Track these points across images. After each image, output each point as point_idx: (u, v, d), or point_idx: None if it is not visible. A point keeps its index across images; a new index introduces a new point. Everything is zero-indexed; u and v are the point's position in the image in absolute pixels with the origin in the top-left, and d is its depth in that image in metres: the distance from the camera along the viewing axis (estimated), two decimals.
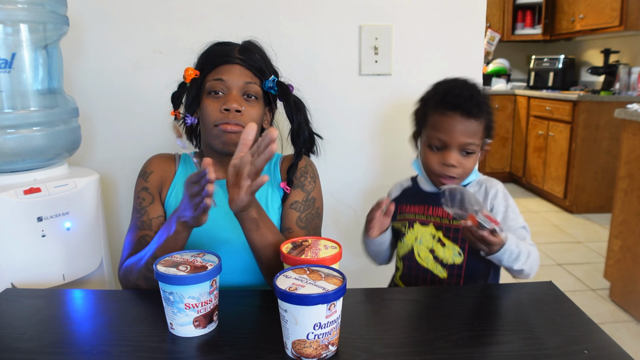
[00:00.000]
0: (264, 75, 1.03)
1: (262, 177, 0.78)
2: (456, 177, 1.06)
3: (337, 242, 0.86)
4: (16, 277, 1.07)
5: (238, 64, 1.00)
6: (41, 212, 1.08)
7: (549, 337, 0.73)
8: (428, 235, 1.09)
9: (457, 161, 1.04)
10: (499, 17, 4.95)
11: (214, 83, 0.99)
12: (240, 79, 0.99)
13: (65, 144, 1.20)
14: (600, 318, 2.27)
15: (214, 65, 1.00)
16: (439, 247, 1.08)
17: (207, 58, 1.02)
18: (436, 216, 1.10)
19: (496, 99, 4.63)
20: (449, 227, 1.08)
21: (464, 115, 1.02)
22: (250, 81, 1.00)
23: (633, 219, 2.23)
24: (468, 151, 1.05)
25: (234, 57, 1.00)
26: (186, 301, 0.73)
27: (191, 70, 1.01)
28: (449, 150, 1.04)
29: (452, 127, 1.03)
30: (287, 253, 0.80)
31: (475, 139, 1.04)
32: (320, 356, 0.68)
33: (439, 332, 0.75)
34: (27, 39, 1.11)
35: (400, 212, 1.16)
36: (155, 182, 1.05)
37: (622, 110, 2.34)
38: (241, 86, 0.99)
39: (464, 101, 1.02)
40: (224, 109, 0.96)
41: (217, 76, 0.99)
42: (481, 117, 1.04)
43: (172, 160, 1.09)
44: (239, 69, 1.00)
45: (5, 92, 1.09)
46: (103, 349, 0.71)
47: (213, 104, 0.98)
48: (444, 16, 1.49)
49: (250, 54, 1.01)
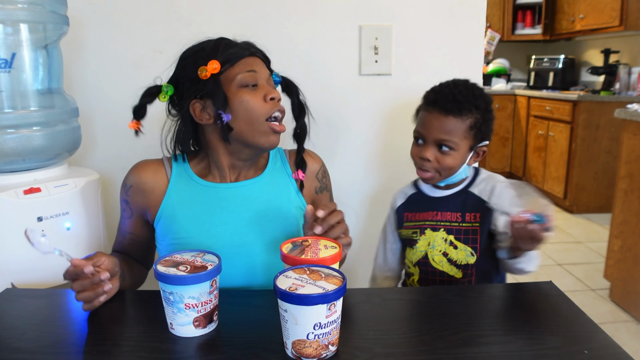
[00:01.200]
0: (271, 71, 1.04)
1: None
2: (430, 172, 1.09)
3: (337, 242, 0.85)
4: (16, 277, 1.06)
5: (258, 56, 0.99)
6: (41, 212, 1.08)
7: (549, 337, 0.73)
8: (440, 240, 1.11)
9: (432, 156, 1.07)
10: (499, 17, 4.95)
11: (246, 75, 0.94)
12: (266, 71, 0.99)
13: (65, 144, 1.20)
14: (600, 318, 2.27)
15: (237, 57, 0.95)
16: (451, 249, 1.10)
17: (226, 50, 0.95)
18: (445, 220, 1.12)
19: (496, 99, 4.62)
20: (459, 230, 1.10)
21: (442, 111, 1.06)
22: (270, 73, 1.00)
23: (633, 219, 2.23)
24: (445, 147, 1.06)
25: (256, 50, 0.99)
26: (186, 301, 0.73)
27: (215, 64, 0.92)
28: (426, 144, 1.08)
29: (429, 122, 1.08)
30: (287, 253, 0.80)
31: (453, 137, 1.05)
32: (320, 356, 0.68)
33: (439, 332, 0.75)
34: (27, 39, 1.11)
35: (408, 219, 1.17)
36: (137, 198, 1.01)
37: (622, 110, 2.34)
38: (267, 77, 0.98)
39: (443, 97, 1.06)
40: (270, 98, 0.94)
41: (249, 68, 0.95)
42: (463, 116, 1.05)
43: (159, 168, 1.03)
44: (261, 62, 0.99)
45: (5, 92, 1.09)
46: (103, 349, 0.71)
47: (254, 96, 0.94)
48: (444, 16, 1.49)
49: (258, 48, 1.01)
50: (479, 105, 1.06)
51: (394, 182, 1.57)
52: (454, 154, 1.07)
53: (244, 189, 1.01)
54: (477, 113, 1.06)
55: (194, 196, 1.00)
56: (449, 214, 1.11)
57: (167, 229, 0.99)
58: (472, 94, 1.07)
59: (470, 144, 1.08)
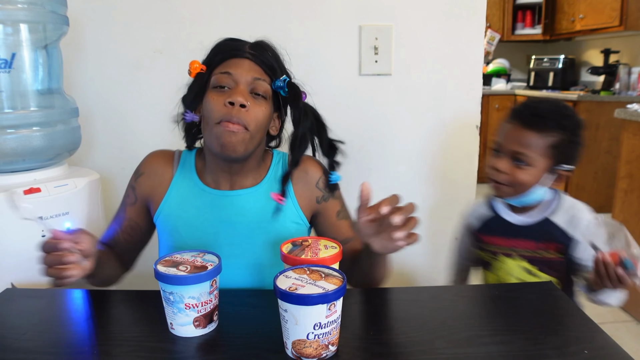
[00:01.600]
0: (274, 74, 0.95)
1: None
2: (503, 184, 1.05)
3: (337, 242, 0.86)
4: (16, 277, 1.06)
5: (248, 58, 0.92)
6: (41, 212, 1.08)
7: (549, 337, 0.73)
8: (517, 267, 1.09)
9: (505, 167, 1.04)
10: (499, 17, 4.94)
11: (220, 76, 0.91)
12: (249, 74, 0.91)
13: (65, 144, 1.20)
14: (600, 318, 2.27)
15: (222, 58, 0.93)
16: (530, 277, 1.08)
17: (215, 51, 0.95)
18: (523, 249, 1.09)
19: (496, 99, 4.63)
20: (535, 259, 1.08)
21: (521, 123, 1.03)
22: (259, 77, 0.92)
23: (633, 219, 2.23)
24: (520, 161, 1.03)
25: (244, 51, 0.93)
26: (186, 301, 0.73)
27: (197, 63, 0.94)
28: (501, 155, 1.06)
29: (507, 132, 1.05)
30: (287, 253, 0.80)
31: (530, 151, 1.02)
32: (320, 356, 0.68)
33: (439, 332, 0.75)
34: (27, 39, 1.11)
35: (483, 241, 1.16)
36: (145, 187, 1.00)
37: (622, 110, 2.34)
38: (249, 81, 0.91)
39: (526, 110, 1.05)
40: (229, 102, 0.87)
41: (225, 69, 0.91)
42: (544, 132, 1.01)
43: (169, 161, 1.02)
44: (249, 64, 0.92)
45: (5, 92, 1.09)
46: (103, 349, 0.71)
47: (217, 98, 0.89)
48: (444, 16, 1.49)
49: (262, 51, 0.94)
50: (565, 126, 1.02)
51: (394, 182, 1.57)
52: (528, 169, 1.03)
53: (239, 198, 0.97)
54: (562, 133, 1.02)
55: (190, 200, 0.98)
56: (530, 243, 1.08)
57: (164, 227, 0.99)
58: (560, 113, 1.03)
59: (549, 163, 1.03)
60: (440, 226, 1.58)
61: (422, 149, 1.57)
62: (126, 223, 1.01)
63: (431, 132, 1.56)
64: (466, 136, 1.58)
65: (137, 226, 1.02)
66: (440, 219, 1.60)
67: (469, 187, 1.63)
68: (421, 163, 1.58)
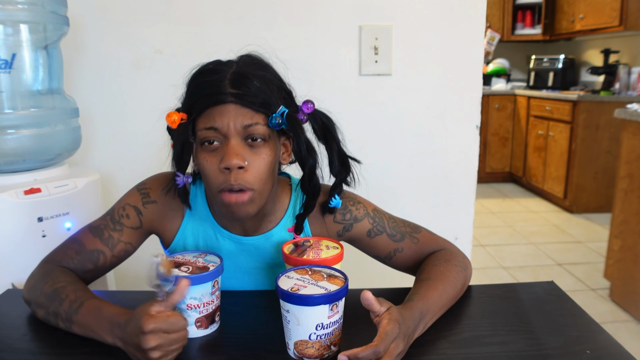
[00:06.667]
0: (268, 109, 0.78)
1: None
2: None
3: (339, 243, 0.85)
4: (17, 278, 1.06)
5: (232, 102, 0.76)
6: (41, 212, 1.08)
7: (551, 337, 0.73)
8: None
9: None
10: (499, 17, 4.95)
11: (206, 132, 0.77)
12: (237, 122, 0.76)
13: (65, 144, 1.20)
14: (601, 318, 2.27)
15: (202, 107, 0.77)
16: None
17: (193, 97, 0.79)
18: None
19: (496, 99, 4.63)
20: None
21: None
22: (250, 123, 0.77)
23: (633, 219, 2.23)
24: None
25: (225, 94, 0.76)
26: (188, 302, 0.73)
27: (175, 115, 0.79)
28: None
29: None
30: (288, 253, 0.80)
31: None
32: (322, 356, 0.68)
33: (439, 332, 0.75)
34: (27, 39, 1.11)
35: None
36: (155, 217, 0.90)
37: (622, 110, 2.34)
38: (240, 131, 0.77)
39: None
40: (224, 168, 0.76)
41: (209, 124, 0.77)
42: None
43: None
44: (234, 110, 0.76)
45: (6, 92, 1.09)
46: (103, 349, 0.71)
47: (210, 160, 0.77)
48: (444, 16, 1.49)
49: (246, 84, 0.77)
50: None
51: (394, 182, 1.57)
52: None
53: (252, 246, 0.90)
54: None
55: (202, 241, 0.91)
56: None
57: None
58: None
59: None
60: (441, 226, 1.58)
61: (422, 149, 1.57)
62: (121, 246, 0.88)
63: (431, 132, 1.56)
64: (466, 136, 1.58)
65: (132, 250, 0.91)
66: (440, 219, 1.60)
67: (469, 187, 1.63)
68: (421, 163, 1.58)
